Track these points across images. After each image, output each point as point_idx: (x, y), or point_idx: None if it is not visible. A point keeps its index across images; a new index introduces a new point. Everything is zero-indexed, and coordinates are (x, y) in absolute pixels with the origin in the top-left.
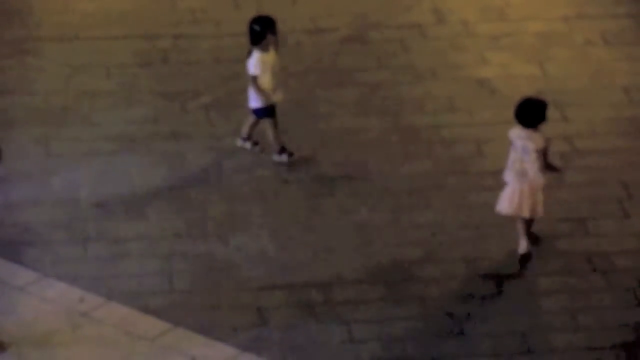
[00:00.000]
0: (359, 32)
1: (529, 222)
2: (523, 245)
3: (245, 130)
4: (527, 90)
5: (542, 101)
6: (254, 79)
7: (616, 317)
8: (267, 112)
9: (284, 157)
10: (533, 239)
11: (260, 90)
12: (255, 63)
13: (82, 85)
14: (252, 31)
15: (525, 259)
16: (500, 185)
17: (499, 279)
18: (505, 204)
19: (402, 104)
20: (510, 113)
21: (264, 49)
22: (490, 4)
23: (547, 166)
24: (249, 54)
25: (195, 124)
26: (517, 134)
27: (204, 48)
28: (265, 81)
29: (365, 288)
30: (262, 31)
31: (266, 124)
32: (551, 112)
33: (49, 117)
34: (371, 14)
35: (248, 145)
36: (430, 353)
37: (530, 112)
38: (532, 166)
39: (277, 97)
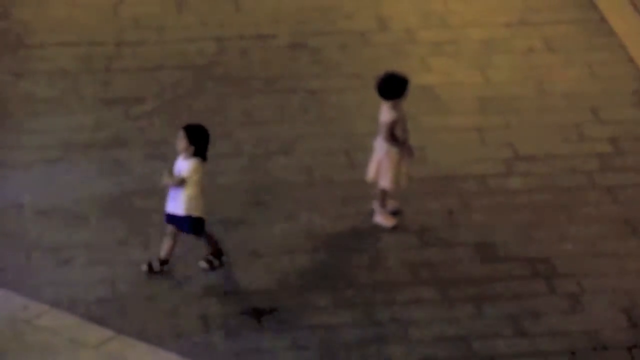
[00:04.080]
0: (301, 39)
1: (382, 194)
2: (377, 218)
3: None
4: (470, 96)
5: (401, 78)
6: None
7: (559, 322)
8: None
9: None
10: (391, 213)
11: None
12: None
13: (24, 92)
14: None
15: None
16: (440, 191)
17: (442, 285)
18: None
19: (345, 111)
20: (453, 119)
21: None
22: (432, 10)
23: (392, 139)
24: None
25: (138, 131)
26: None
27: (146, 55)
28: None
29: (309, 294)
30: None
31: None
32: (494, 119)
33: None
34: (313, 21)
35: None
36: (375, 359)
37: (386, 85)
38: (380, 136)
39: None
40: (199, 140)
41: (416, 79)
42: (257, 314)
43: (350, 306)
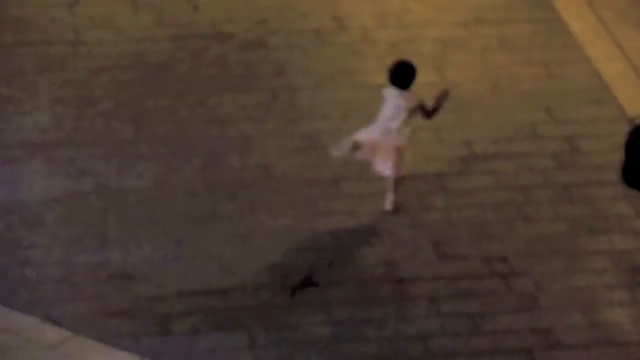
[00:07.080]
0: (258, 37)
1: (397, 182)
2: (389, 202)
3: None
4: (426, 95)
5: (412, 64)
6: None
7: (516, 321)
8: None
9: None
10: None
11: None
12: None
13: None
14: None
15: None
16: (406, 189)
17: (398, 283)
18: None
19: (301, 110)
20: None
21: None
22: (388, 10)
23: (431, 113)
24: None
25: (95, 130)
26: (391, 93)
27: (102, 54)
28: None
29: (267, 294)
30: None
31: None
32: (450, 118)
33: None
34: (270, 19)
35: None
36: (334, 358)
37: (405, 75)
38: (398, 125)
39: None
40: None
41: (373, 79)
42: (211, 314)
43: (307, 305)
